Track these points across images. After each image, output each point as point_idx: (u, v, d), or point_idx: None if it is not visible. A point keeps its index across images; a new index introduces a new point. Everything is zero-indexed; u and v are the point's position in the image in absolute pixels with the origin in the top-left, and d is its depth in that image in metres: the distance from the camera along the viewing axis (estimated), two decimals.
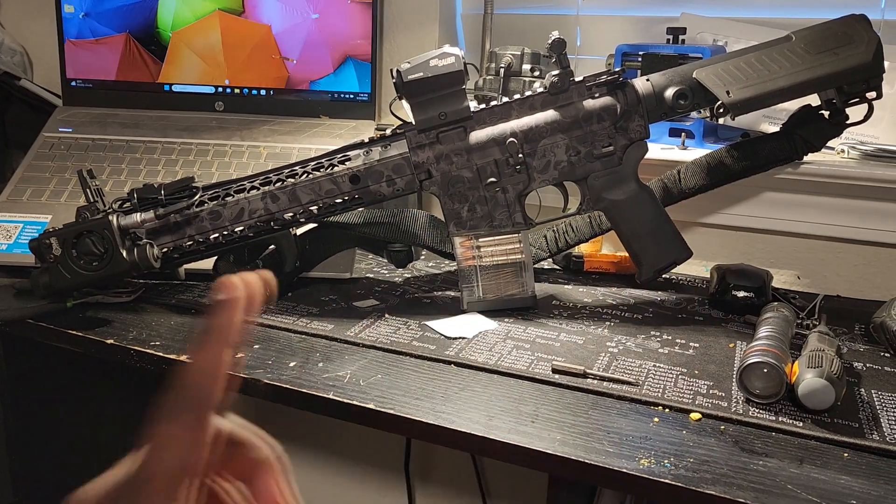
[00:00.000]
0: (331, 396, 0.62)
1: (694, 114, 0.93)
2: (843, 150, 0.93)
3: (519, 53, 0.98)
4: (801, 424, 0.58)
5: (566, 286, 0.91)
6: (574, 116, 0.77)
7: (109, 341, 0.72)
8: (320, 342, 0.73)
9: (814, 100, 0.82)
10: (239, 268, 0.81)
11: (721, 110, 0.75)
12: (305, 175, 0.78)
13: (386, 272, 0.95)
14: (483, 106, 0.78)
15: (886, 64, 0.76)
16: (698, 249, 0.88)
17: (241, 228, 0.78)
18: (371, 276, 0.93)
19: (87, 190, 0.76)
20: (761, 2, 1.05)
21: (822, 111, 0.82)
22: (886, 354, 0.74)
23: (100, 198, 0.77)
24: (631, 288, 0.90)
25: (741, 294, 0.82)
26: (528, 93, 0.78)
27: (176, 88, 1.14)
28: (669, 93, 0.76)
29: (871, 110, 0.78)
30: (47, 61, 1.31)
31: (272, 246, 0.84)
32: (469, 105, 0.78)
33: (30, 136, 1.06)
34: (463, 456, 1.25)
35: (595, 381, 0.65)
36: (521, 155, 0.77)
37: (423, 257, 1.01)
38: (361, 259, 0.99)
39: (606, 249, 1.01)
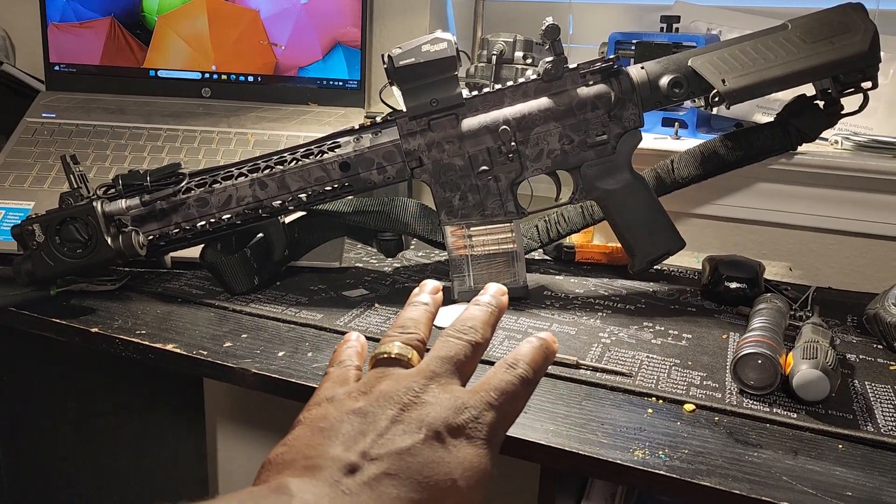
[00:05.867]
0: None
1: (688, 103, 0.92)
2: (836, 141, 0.92)
3: (511, 40, 0.97)
4: (795, 416, 0.58)
5: (557, 277, 0.90)
6: (568, 104, 0.76)
7: (94, 330, 0.70)
8: (309, 332, 0.72)
9: (808, 90, 0.81)
10: (226, 256, 0.79)
11: (716, 99, 0.75)
12: (294, 162, 0.77)
13: (375, 261, 0.94)
14: (475, 93, 0.77)
15: (882, 54, 0.75)
16: (690, 240, 0.88)
17: (228, 216, 0.77)
18: (360, 265, 0.92)
19: (71, 176, 0.75)
20: None
21: (817, 101, 0.81)
22: (879, 346, 0.74)
23: (84, 184, 0.75)
24: (622, 279, 0.89)
25: (734, 285, 0.82)
26: (520, 80, 0.77)
27: (162, 74, 1.12)
28: (664, 81, 0.76)
29: (866, 100, 0.78)
30: (30, 45, 1.28)
31: (260, 234, 0.83)
32: (461, 92, 0.76)
33: (12, 122, 1.04)
34: None
35: (588, 372, 0.64)
36: (513, 143, 0.76)
37: (412, 246, 1.00)
38: (350, 248, 0.98)
39: (597, 240, 1.00)
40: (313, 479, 0.35)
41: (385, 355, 0.42)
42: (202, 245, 0.80)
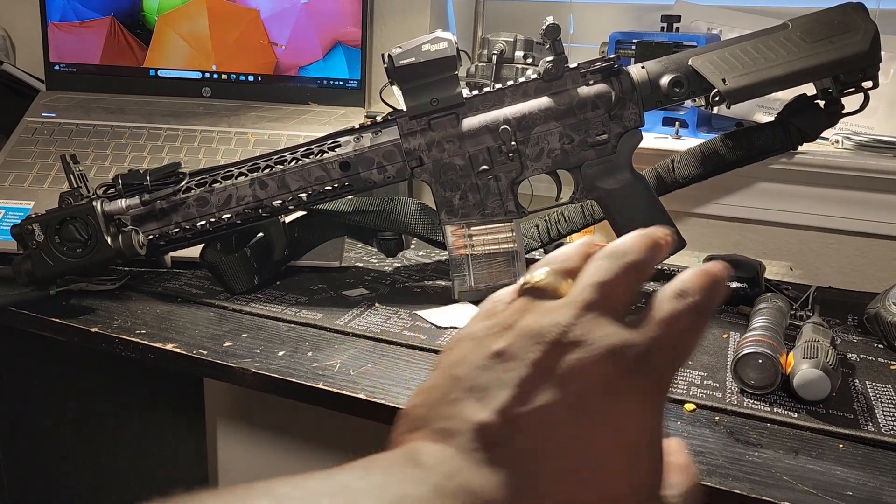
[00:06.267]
0: (320, 386, 0.61)
1: (688, 102, 0.92)
2: (837, 141, 0.92)
3: (511, 40, 0.97)
4: (795, 415, 0.58)
5: None
6: (568, 104, 0.76)
7: (94, 329, 0.70)
8: (309, 331, 0.72)
9: (809, 89, 0.81)
10: (226, 255, 0.79)
11: (717, 98, 0.75)
12: (295, 161, 0.77)
13: (376, 261, 0.94)
14: (476, 92, 0.77)
15: (882, 54, 0.75)
16: (691, 240, 0.87)
17: (228, 215, 0.77)
18: (361, 264, 0.92)
19: (71, 175, 0.75)
20: None
21: (818, 100, 0.81)
22: (880, 346, 0.74)
23: (83, 183, 0.75)
24: None
25: (734, 284, 0.81)
26: (521, 79, 0.77)
27: (162, 73, 1.12)
28: (665, 80, 0.75)
29: (866, 100, 0.77)
30: (30, 45, 1.28)
31: (260, 234, 0.83)
32: (461, 91, 0.76)
33: (12, 121, 1.04)
34: None
35: None
36: (513, 142, 0.76)
37: (413, 246, 1.00)
38: (351, 248, 0.98)
39: (598, 240, 1.00)
40: (447, 446, 0.30)
41: (529, 284, 0.34)
42: (202, 244, 0.80)
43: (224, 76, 1.11)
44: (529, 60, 0.97)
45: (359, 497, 0.26)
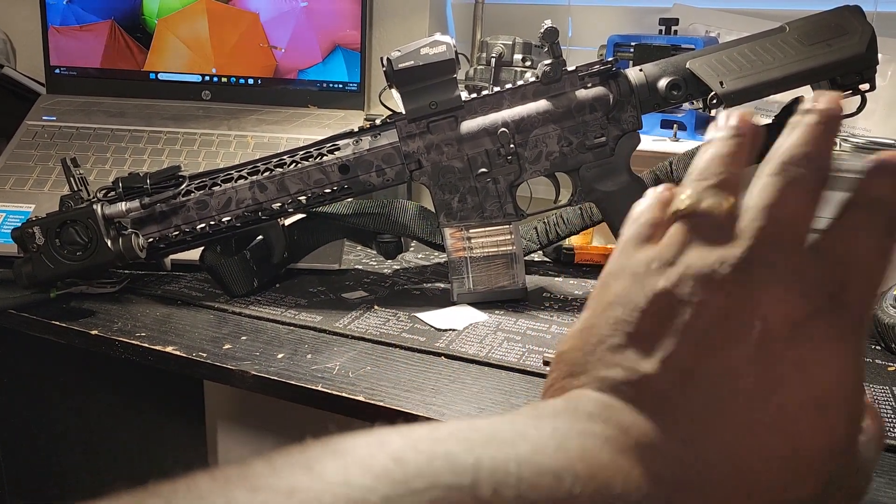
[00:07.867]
0: (319, 388, 0.61)
1: (686, 105, 0.93)
2: (834, 143, 0.93)
3: (510, 43, 0.97)
4: None
5: (557, 278, 0.90)
6: (566, 106, 0.76)
7: (94, 332, 0.71)
8: (308, 334, 0.72)
9: (806, 91, 0.81)
10: (226, 258, 0.80)
11: (714, 101, 0.75)
12: (294, 164, 0.77)
13: (375, 263, 0.94)
14: (474, 95, 0.77)
15: (879, 56, 0.75)
16: None
17: (228, 218, 0.77)
18: (360, 267, 0.93)
19: (71, 178, 0.75)
20: None
21: None
22: (877, 347, 0.74)
23: (84, 186, 0.75)
24: None
25: None
26: (519, 82, 0.78)
27: (162, 77, 1.12)
28: (662, 83, 0.76)
29: (864, 102, 0.78)
30: (31, 48, 1.29)
31: (260, 236, 0.83)
32: (460, 94, 0.77)
33: (12, 125, 1.04)
34: None
35: None
36: (512, 145, 0.77)
37: (412, 248, 1.01)
38: (350, 250, 0.98)
39: (597, 242, 1.00)
40: (614, 397, 0.27)
41: (682, 209, 0.29)
42: (202, 247, 0.81)
43: (224, 79, 1.11)
44: (528, 63, 0.97)
45: (542, 445, 0.23)
